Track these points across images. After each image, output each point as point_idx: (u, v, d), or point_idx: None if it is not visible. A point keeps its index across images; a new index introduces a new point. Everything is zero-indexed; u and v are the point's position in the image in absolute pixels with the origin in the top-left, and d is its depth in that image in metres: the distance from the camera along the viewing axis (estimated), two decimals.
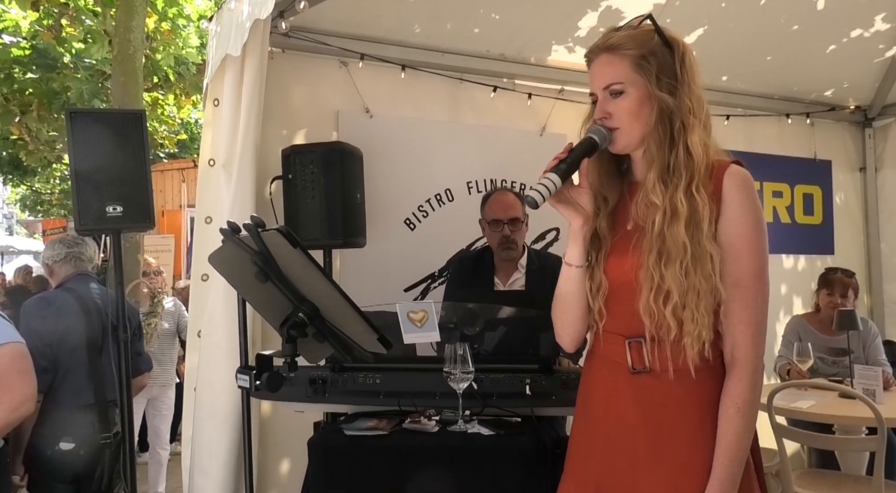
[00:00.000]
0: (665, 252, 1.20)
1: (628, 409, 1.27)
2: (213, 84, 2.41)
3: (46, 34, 7.01)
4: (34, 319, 2.53)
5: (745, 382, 1.20)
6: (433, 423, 1.77)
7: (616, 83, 1.25)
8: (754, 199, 1.23)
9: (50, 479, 2.49)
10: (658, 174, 1.23)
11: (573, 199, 1.29)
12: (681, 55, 1.25)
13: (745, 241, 1.20)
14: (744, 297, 1.19)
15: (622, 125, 1.26)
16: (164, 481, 4.58)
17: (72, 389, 2.51)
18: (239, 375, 1.32)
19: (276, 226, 1.00)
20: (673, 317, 1.19)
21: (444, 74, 3.19)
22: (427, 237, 3.17)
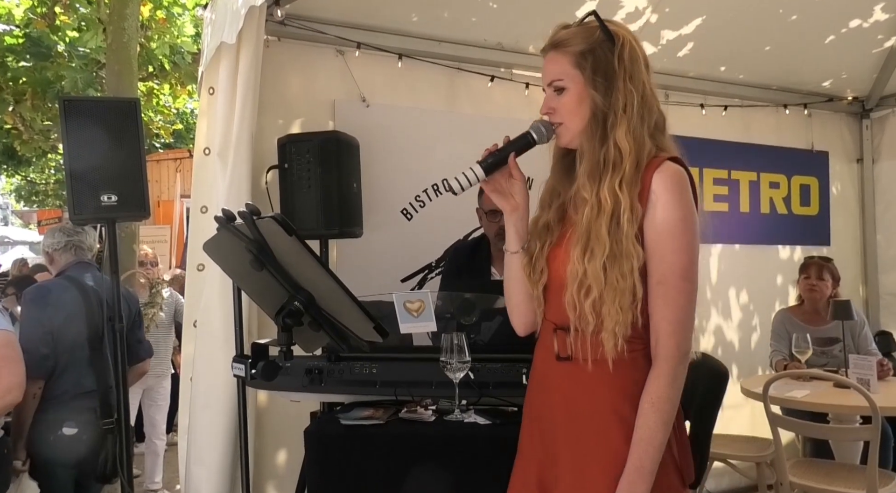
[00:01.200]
0: (589, 248, 1.22)
1: (553, 394, 1.32)
2: (209, 72, 2.39)
3: (40, 22, 6.94)
4: (35, 307, 2.57)
5: (663, 379, 1.21)
6: (430, 412, 1.77)
7: (557, 79, 1.29)
8: (682, 196, 1.22)
9: (52, 464, 2.52)
10: (588, 170, 1.26)
11: (506, 189, 1.35)
12: (619, 49, 1.26)
13: (670, 239, 1.20)
14: (667, 295, 1.20)
15: (564, 120, 1.30)
16: (160, 471, 4.60)
17: (73, 375, 2.54)
18: (235, 364, 1.31)
19: (271, 214, 0.99)
20: (592, 311, 1.22)
21: (442, 64, 3.17)
22: (424, 227, 3.16)
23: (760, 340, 3.95)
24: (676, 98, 3.79)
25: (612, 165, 1.22)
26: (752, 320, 4.03)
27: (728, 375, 2.20)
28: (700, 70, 3.77)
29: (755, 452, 3.10)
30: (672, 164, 1.24)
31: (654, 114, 1.28)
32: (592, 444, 1.26)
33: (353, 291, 1.28)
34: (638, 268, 1.19)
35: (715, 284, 3.94)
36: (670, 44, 3.50)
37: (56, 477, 2.56)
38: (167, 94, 9.85)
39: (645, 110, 1.26)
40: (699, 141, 3.90)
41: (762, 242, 4.09)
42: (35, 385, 2.47)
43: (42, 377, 2.50)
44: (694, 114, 3.82)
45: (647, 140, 1.24)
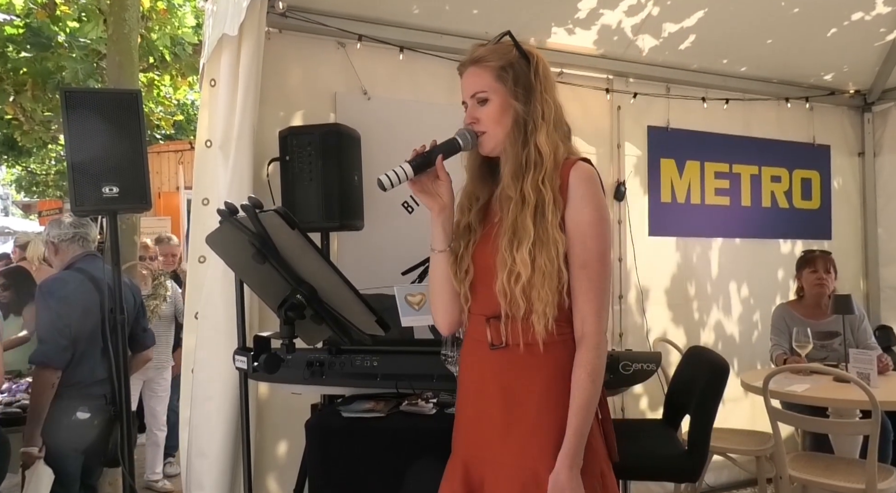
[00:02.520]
0: (516, 239, 1.34)
1: (488, 382, 1.40)
2: (210, 64, 2.38)
3: (41, 13, 6.91)
4: (52, 299, 2.62)
5: (594, 352, 1.34)
6: (430, 405, 1.78)
7: (481, 92, 1.40)
8: (595, 191, 1.37)
9: (64, 448, 2.61)
10: (512, 170, 1.38)
11: (432, 189, 1.45)
12: (535, 66, 1.41)
13: (588, 227, 1.34)
14: (590, 278, 1.34)
15: (488, 129, 1.41)
16: (161, 462, 4.62)
17: (89, 365, 2.62)
18: (237, 356, 1.32)
19: (273, 207, 0.99)
20: (522, 295, 1.33)
21: (443, 56, 3.16)
22: (425, 220, 3.10)
23: (761, 334, 3.96)
24: (678, 91, 3.79)
25: (534, 165, 1.36)
26: (753, 315, 4.04)
27: (728, 369, 2.21)
28: (702, 63, 3.76)
29: (755, 446, 3.11)
30: (585, 163, 1.39)
31: (563, 124, 1.44)
32: (531, 422, 1.35)
33: (353, 283, 1.31)
34: (562, 253, 1.33)
35: (715, 278, 3.94)
36: (672, 37, 3.49)
37: (68, 462, 2.64)
38: (168, 85, 9.82)
39: (558, 119, 1.42)
40: (701, 134, 3.90)
41: (763, 236, 4.09)
42: (54, 375, 2.56)
43: (61, 368, 2.58)
44: (695, 107, 3.81)
45: (561, 144, 1.40)
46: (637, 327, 3.64)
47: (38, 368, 2.60)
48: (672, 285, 3.79)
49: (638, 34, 3.45)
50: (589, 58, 3.47)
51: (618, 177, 3.65)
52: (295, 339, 1.15)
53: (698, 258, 3.89)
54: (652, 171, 3.78)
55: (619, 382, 1.89)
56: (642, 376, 1.92)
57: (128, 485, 2.42)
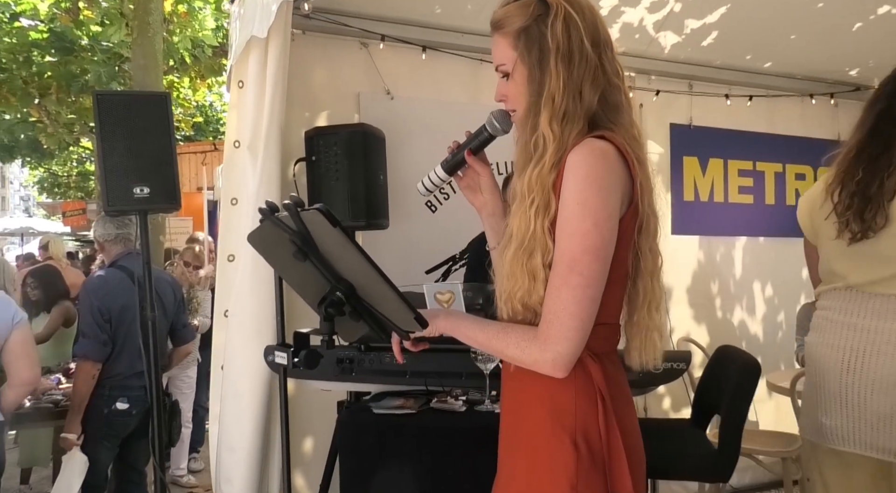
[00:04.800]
0: (509, 241, 1.15)
1: (502, 396, 1.29)
2: (238, 66, 2.41)
3: (64, 17, 7.04)
4: (95, 296, 2.77)
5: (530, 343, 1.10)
6: (460, 403, 1.79)
7: (501, 64, 1.20)
8: (588, 177, 1.07)
9: (101, 436, 2.76)
10: (518, 160, 1.18)
11: (477, 185, 1.29)
12: (552, 21, 1.12)
13: (564, 223, 1.08)
14: (551, 281, 1.09)
15: (516, 107, 1.19)
16: (186, 457, 4.68)
17: (128, 358, 2.76)
18: (277, 352, 1.34)
19: (316, 206, 1.01)
20: (508, 306, 1.15)
21: (465, 55, 3.17)
22: (448, 219, 3.18)
23: (785, 334, 3.93)
24: (700, 88, 3.76)
25: (538, 156, 1.12)
26: (777, 315, 4.00)
27: (760, 368, 2.19)
28: (725, 59, 3.73)
29: (781, 447, 3.08)
30: (593, 141, 1.10)
31: (597, 89, 1.13)
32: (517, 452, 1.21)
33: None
34: (548, 264, 1.09)
35: (739, 277, 3.91)
36: (694, 33, 3.47)
37: (101, 451, 2.77)
38: (187, 87, 9.94)
39: (586, 88, 1.12)
40: (724, 132, 3.87)
41: (788, 234, 4.04)
42: (94, 368, 2.72)
43: (100, 361, 2.73)
44: (719, 104, 3.79)
45: (581, 122, 1.12)
46: None
47: (80, 360, 2.76)
48: (695, 285, 3.77)
49: (660, 31, 3.43)
50: None
51: None
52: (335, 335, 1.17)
53: (721, 257, 3.86)
54: (674, 169, 3.76)
55: (649, 380, 1.89)
56: (672, 376, 1.91)
57: (158, 479, 2.46)
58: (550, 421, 1.13)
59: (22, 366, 2.32)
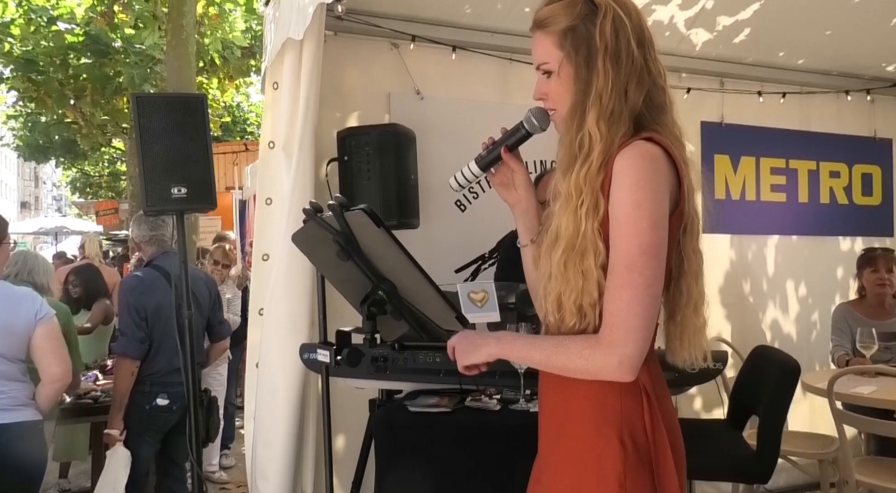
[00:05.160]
0: (554, 243, 1.15)
1: (541, 393, 1.28)
2: (273, 68, 2.45)
3: (100, 21, 7.19)
4: (131, 296, 2.83)
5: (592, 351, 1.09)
6: (494, 401, 1.80)
7: (544, 63, 1.19)
8: (642, 178, 1.08)
9: (142, 431, 2.82)
10: (562, 160, 1.17)
11: (510, 181, 1.29)
12: (600, 21, 1.13)
13: (620, 225, 1.08)
14: (611, 283, 1.08)
15: (557, 106, 1.20)
16: (217, 454, 4.75)
17: (165, 355, 2.80)
18: (319, 350, 1.36)
19: (361, 206, 1.03)
20: (555, 307, 1.15)
21: (494, 55, 3.18)
22: (477, 219, 3.19)
23: (819, 334, 3.86)
24: (732, 85, 3.72)
25: (585, 154, 1.12)
26: (811, 314, 3.94)
27: (800, 369, 2.16)
28: (757, 56, 3.67)
29: (817, 449, 3.03)
30: (642, 143, 1.11)
31: (642, 90, 1.14)
32: (560, 451, 1.21)
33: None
34: (600, 265, 1.10)
35: (772, 276, 3.86)
36: (726, 30, 3.43)
37: (143, 446, 2.83)
38: (216, 88, 10.10)
39: (625, 89, 1.12)
40: (756, 129, 3.82)
41: (822, 233, 3.99)
42: (133, 365, 2.77)
43: (138, 359, 2.78)
44: (751, 101, 3.74)
45: (627, 122, 1.13)
46: None
47: (119, 358, 2.83)
48: (726, 284, 3.73)
49: (691, 28, 3.40)
50: None
51: None
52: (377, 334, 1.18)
53: (754, 256, 3.81)
54: (705, 167, 3.71)
55: (684, 380, 1.87)
56: (708, 376, 1.90)
57: (195, 474, 2.51)
58: (596, 419, 1.14)
59: (49, 362, 2.33)
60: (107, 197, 19.43)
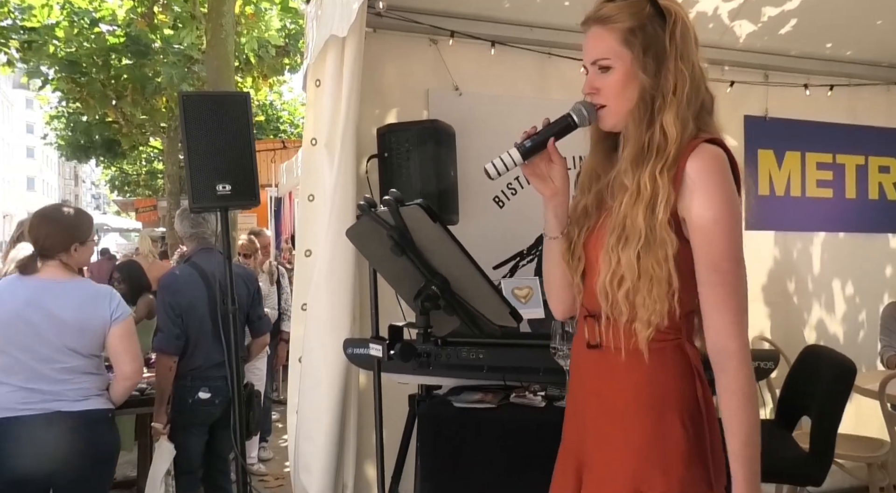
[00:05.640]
0: (624, 235, 1.18)
1: (586, 382, 1.30)
2: (315, 65, 2.47)
3: (140, 22, 7.35)
4: (167, 293, 2.90)
5: (741, 373, 1.14)
6: (539, 398, 1.79)
7: (603, 58, 1.22)
8: (721, 179, 1.16)
9: (188, 424, 2.90)
10: (632, 155, 1.21)
11: (546, 173, 1.30)
12: (671, 27, 1.20)
13: (716, 225, 1.15)
14: (724, 281, 1.15)
15: (609, 102, 1.24)
16: (256, 446, 4.83)
17: (204, 350, 2.86)
18: (372, 345, 1.37)
19: (417, 201, 1.03)
20: (626, 300, 1.18)
21: (533, 49, 3.15)
22: (516, 215, 3.17)
23: (867, 334, 3.75)
24: (777, 78, 3.63)
25: (657, 151, 1.18)
26: (859, 314, 3.82)
27: (855, 370, 2.09)
28: (803, 48, 3.58)
29: (866, 452, 2.95)
30: (709, 146, 1.18)
31: (701, 95, 1.22)
32: (619, 436, 1.22)
33: None
34: (672, 256, 1.15)
35: (817, 274, 3.76)
36: (771, 21, 3.34)
37: (189, 439, 2.90)
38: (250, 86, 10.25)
39: (693, 92, 1.20)
40: (801, 123, 3.72)
41: (870, 229, 3.87)
42: (170, 360, 2.84)
43: (176, 354, 2.85)
44: (796, 95, 3.64)
45: (692, 123, 1.20)
46: None
47: (158, 353, 2.91)
48: (770, 282, 3.64)
49: (735, 20, 3.32)
50: None
51: None
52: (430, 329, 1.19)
53: (799, 254, 3.72)
54: (748, 162, 3.63)
55: None
56: (759, 376, 1.85)
57: (239, 465, 2.55)
58: (658, 404, 1.18)
59: (122, 360, 2.40)
60: (144, 195, 19.91)
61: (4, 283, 2.33)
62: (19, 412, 2.20)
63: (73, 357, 2.28)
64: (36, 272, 2.32)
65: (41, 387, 2.23)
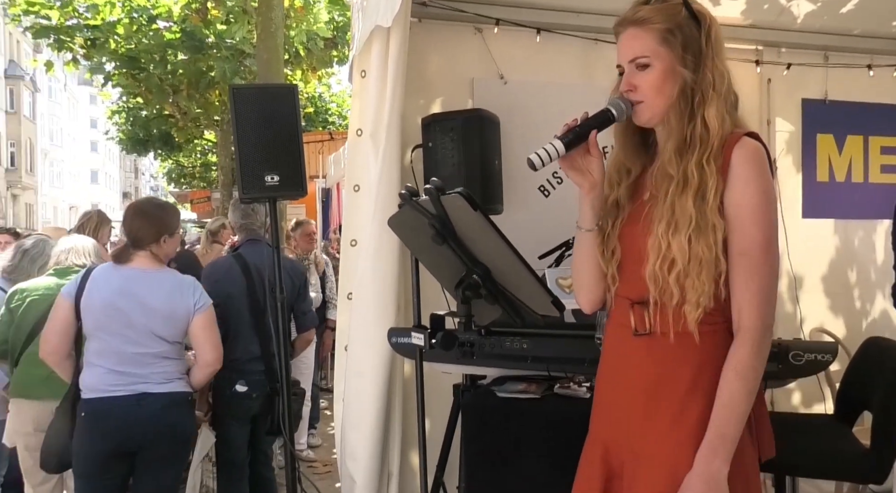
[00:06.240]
0: (673, 222, 1.26)
1: (630, 369, 1.34)
2: (361, 56, 2.48)
3: (195, 17, 7.55)
4: (207, 283, 2.90)
5: (747, 348, 1.24)
6: (584, 389, 1.77)
7: (642, 57, 1.30)
8: (761, 171, 1.26)
9: (228, 416, 2.96)
10: (675, 146, 1.29)
11: (583, 166, 1.35)
12: (707, 29, 1.29)
13: (751, 213, 1.25)
14: (750, 267, 1.24)
15: (646, 99, 1.31)
16: (305, 433, 4.94)
17: (242, 343, 2.88)
18: (414, 334, 1.38)
19: (458, 190, 1.03)
20: (676, 284, 1.25)
21: (580, 35, 3.10)
22: (561, 204, 3.13)
23: None
24: (838, 59, 3.46)
25: (700, 141, 1.27)
26: None
27: None
28: (867, 26, 3.40)
29: None
30: (751, 140, 1.28)
31: (731, 93, 1.33)
32: (673, 416, 1.28)
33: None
34: (721, 240, 1.24)
35: (881, 264, 3.58)
36: None
37: (230, 429, 2.96)
38: (299, 79, 10.41)
39: (728, 89, 1.30)
40: (864, 106, 3.54)
41: None
42: None
43: None
44: (859, 76, 3.47)
45: (727, 117, 1.29)
46: (788, 317, 3.39)
47: None
48: (830, 272, 3.50)
49: (792, 0, 3.18)
50: (736, 28, 3.24)
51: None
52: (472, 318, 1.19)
53: (860, 242, 3.56)
54: (806, 148, 3.49)
55: (788, 372, 1.77)
56: (814, 369, 1.79)
57: (288, 451, 2.62)
58: (712, 388, 1.24)
59: (203, 348, 2.51)
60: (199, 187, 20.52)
61: (99, 271, 2.49)
62: (110, 392, 2.37)
63: (160, 343, 2.42)
64: (129, 262, 2.46)
65: (129, 370, 2.38)
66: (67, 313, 2.45)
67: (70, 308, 2.44)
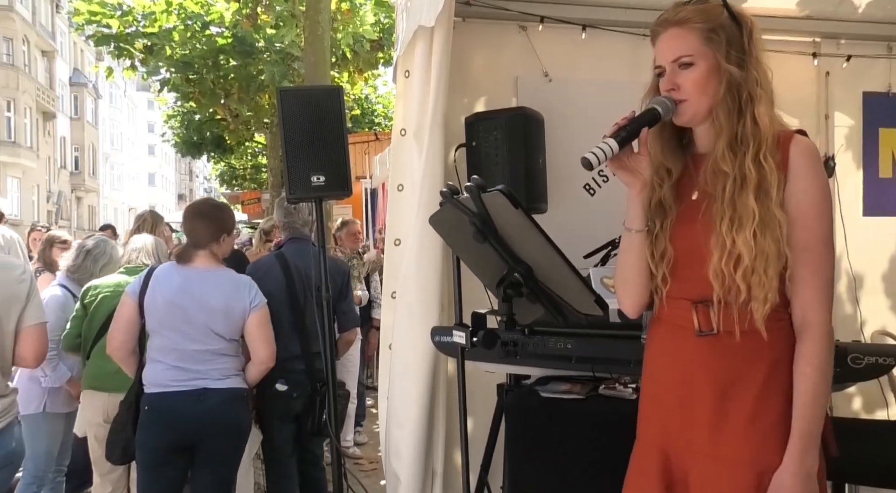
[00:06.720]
0: (736, 218, 1.26)
1: (695, 372, 1.32)
2: (405, 56, 2.50)
3: (245, 22, 7.76)
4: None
5: (820, 343, 1.24)
6: (629, 390, 1.74)
7: (685, 56, 1.30)
8: (820, 167, 1.29)
9: (271, 415, 2.98)
10: (727, 143, 1.29)
11: (632, 165, 1.34)
12: (749, 30, 1.31)
13: (812, 208, 1.26)
14: (814, 262, 1.26)
15: (689, 97, 1.31)
16: (352, 431, 5.01)
17: (281, 341, 2.87)
18: (455, 332, 1.39)
19: (498, 187, 1.02)
20: (743, 281, 1.24)
21: (627, 31, 3.04)
22: (607, 202, 3.07)
23: None
24: None
25: (752, 138, 1.27)
26: None
27: None
28: None
29: None
30: (804, 137, 1.31)
31: (773, 93, 1.34)
32: (749, 416, 1.27)
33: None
34: (785, 235, 1.24)
35: None
36: None
37: (274, 428, 2.99)
38: (346, 81, 10.56)
39: (771, 89, 1.32)
40: None
41: None
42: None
43: None
44: None
45: (776, 116, 1.32)
46: (848, 318, 3.25)
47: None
48: (892, 272, 3.33)
49: None
50: (792, 20, 3.13)
51: (825, 151, 3.28)
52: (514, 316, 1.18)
53: None
54: (868, 143, 3.34)
55: (847, 376, 1.70)
56: (875, 372, 1.71)
57: (334, 448, 2.66)
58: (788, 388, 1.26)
59: (258, 346, 2.59)
60: (250, 188, 21.03)
61: (161, 270, 2.60)
62: (171, 387, 2.46)
63: (218, 340, 2.51)
64: (191, 261, 2.55)
65: (189, 366, 2.47)
66: (132, 311, 2.55)
67: (134, 306, 2.54)
